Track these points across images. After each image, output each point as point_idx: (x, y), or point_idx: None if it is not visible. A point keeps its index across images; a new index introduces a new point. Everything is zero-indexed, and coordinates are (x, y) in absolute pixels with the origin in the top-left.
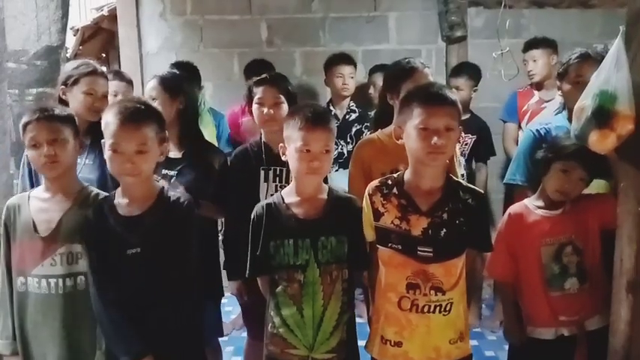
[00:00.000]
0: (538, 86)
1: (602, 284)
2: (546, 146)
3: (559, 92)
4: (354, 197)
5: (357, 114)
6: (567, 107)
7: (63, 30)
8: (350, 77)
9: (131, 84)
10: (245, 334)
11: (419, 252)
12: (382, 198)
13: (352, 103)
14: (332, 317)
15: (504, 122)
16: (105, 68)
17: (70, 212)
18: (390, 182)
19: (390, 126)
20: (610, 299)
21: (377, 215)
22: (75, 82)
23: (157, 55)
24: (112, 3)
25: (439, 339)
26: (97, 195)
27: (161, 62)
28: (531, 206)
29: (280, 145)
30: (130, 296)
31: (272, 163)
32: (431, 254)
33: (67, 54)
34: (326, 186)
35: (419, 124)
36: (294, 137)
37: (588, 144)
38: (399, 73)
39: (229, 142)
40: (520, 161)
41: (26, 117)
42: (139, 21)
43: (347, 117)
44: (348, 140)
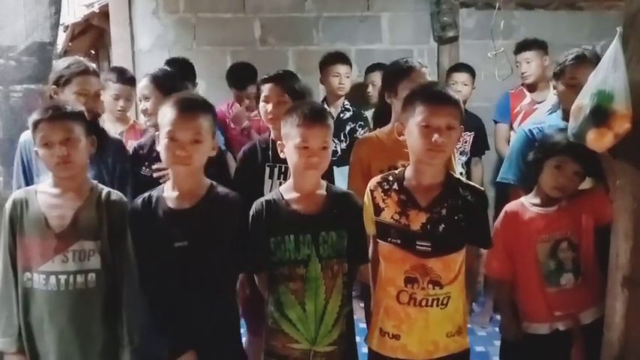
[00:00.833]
0: (531, 87)
1: (595, 278)
2: (538, 144)
3: (554, 92)
4: (352, 193)
5: (351, 112)
6: (562, 107)
7: (55, 26)
8: (346, 77)
9: (134, 85)
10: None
11: (417, 246)
12: (383, 193)
13: (346, 102)
14: (333, 311)
15: (496, 123)
16: (94, 65)
17: (84, 210)
18: (391, 178)
19: (388, 125)
20: (603, 293)
21: (377, 210)
22: (67, 82)
23: (150, 53)
24: (103, 0)
25: (437, 332)
26: (109, 193)
27: (153, 60)
28: (527, 204)
29: (279, 143)
30: (175, 289)
31: (278, 161)
32: (429, 249)
33: (57, 51)
34: (324, 182)
35: (421, 122)
36: (292, 134)
37: (586, 142)
38: (397, 73)
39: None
40: (513, 161)
41: (37, 115)
42: (132, 19)
43: (341, 115)
44: (342, 138)
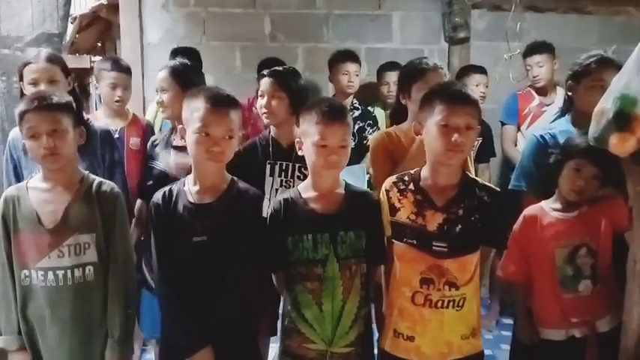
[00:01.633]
0: (540, 90)
1: (613, 285)
2: (559, 148)
3: (569, 93)
4: (371, 192)
5: (360, 111)
6: (577, 109)
7: (65, 18)
8: (355, 75)
9: (130, 73)
10: None
11: (434, 247)
12: (399, 193)
13: (355, 101)
14: (351, 311)
15: (503, 124)
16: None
17: (75, 203)
18: (407, 178)
19: (404, 123)
20: (621, 300)
21: (393, 210)
22: (20, 77)
23: (158, 47)
24: None
25: (451, 334)
26: (100, 183)
27: (162, 54)
28: (547, 208)
29: (296, 140)
30: (194, 284)
31: (278, 158)
32: (445, 249)
33: (65, 42)
34: (342, 180)
35: (440, 121)
36: (310, 132)
37: (607, 147)
38: (411, 74)
39: None
40: (524, 167)
41: (23, 105)
42: (141, 11)
43: (350, 114)
44: (351, 137)
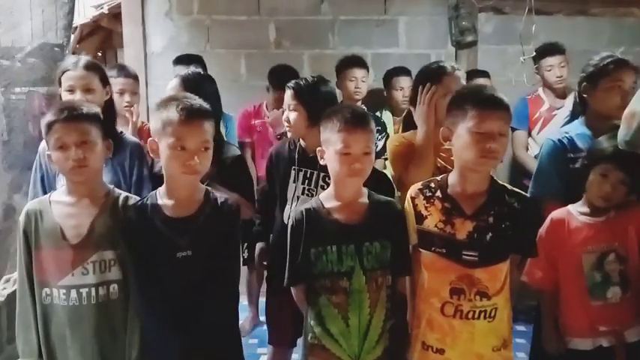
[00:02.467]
0: (560, 92)
1: None
2: (585, 153)
3: (583, 95)
4: (394, 201)
5: None
6: (592, 110)
7: (68, 28)
8: (362, 81)
9: (137, 79)
10: (251, 341)
11: (464, 256)
12: (425, 201)
13: (363, 106)
14: (377, 325)
15: (513, 130)
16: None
17: (101, 217)
18: (433, 185)
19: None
20: None
21: (419, 218)
22: (59, 84)
23: (162, 55)
24: (113, 1)
25: (482, 346)
26: (127, 198)
27: (166, 62)
28: (574, 212)
29: (318, 149)
30: (177, 299)
31: (304, 165)
32: (476, 258)
33: (65, 52)
34: (365, 189)
35: (473, 128)
36: (333, 139)
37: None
38: (429, 77)
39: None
40: (544, 173)
41: (51, 115)
42: (144, 20)
43: None
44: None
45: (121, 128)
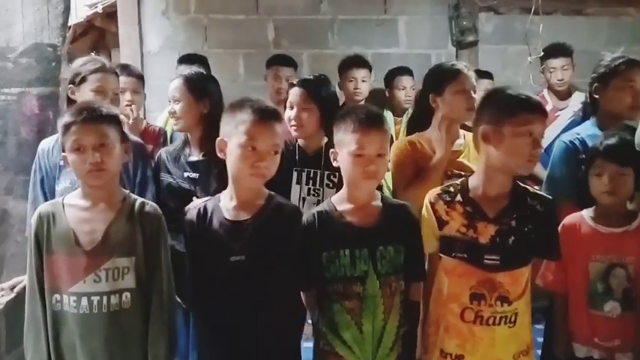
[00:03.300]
0: (561, 94)
1: None
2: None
3: (595, 96)
4: (409, 204)
5: None
6: (604, 111)
7: (63, 27)
8: (362, 81)
9: (141, 79)
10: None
11: (485, 260)
12: (445, 205)
13: None
14: (392, 331)
15: None
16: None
17: (116, 223)
18: (452, 189)
19: (428, 130)
20: None
21: (441, 224)
22: (83, 80)
23: (159, 55)
24: (108, 0)
25: (503, 352)
26: (143, 204)
27: (163, 62)
28: (587, 217)
29: (331, 151)
30: (231, 307)
31: (306, 165)
32: (498, 262)
33: (58, 52)
34: (378, 192)
35: (521, 131)
36: (346, 141)
37: None
38: (444, 75)
39: None
40: (556, 174)
41: (69, 117)
42: (141, 19)
43: None
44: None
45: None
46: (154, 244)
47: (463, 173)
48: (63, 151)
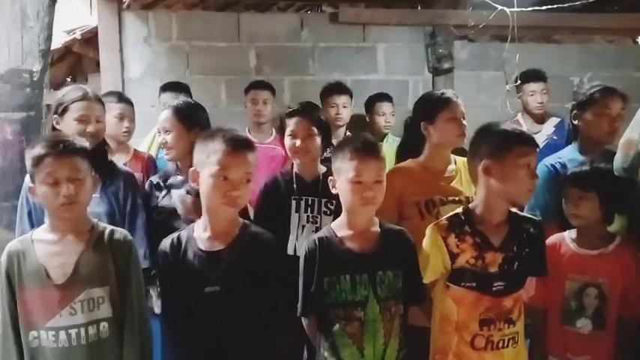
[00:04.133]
0: (539, 117)
1: (617, 337)
2: None
3: (574, 122)
4: (406, 230)
5: None
6: (583, 136)
7: (45, 55)
8: (343, 107)
9: (133, 106)
10: None
11: (494, 287)
12: (456, 238)
13: (348, 133)
14: (392, 355)
15: None
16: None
17: (86, 254)
18: (458, 220)
19: (422, 156)
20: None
21: (453, 257)
22: (65, 110)
23: (140, 81)
24: (85, 26)
25: None
26: (112, 232)
27: (144, 88)
28: (567, 238)
29: (330, 178)
30: (206, 337)
31: (304, 193)
32: (503, 287)
33: (35, 78)
34: (376, 218)
35: (521, 163)
36: (344, 168)
37: (638, 177)
38: (435, 103)
39: None
40: (538, 195)
41: (41, 149)
42: (122, 46)
43: None
44: None
45: (116, 160)
46: (126, 272)
47: (456, 198)
48: (32, 182)
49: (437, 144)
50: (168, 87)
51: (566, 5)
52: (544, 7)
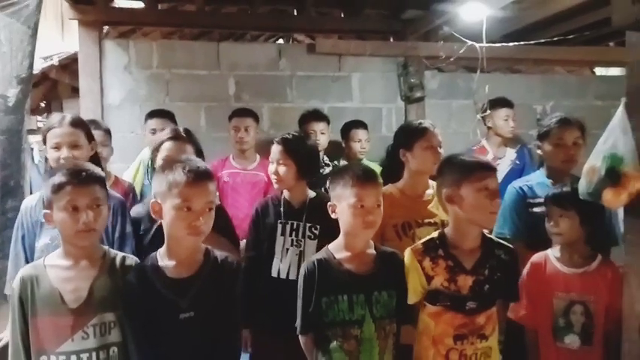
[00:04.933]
0: (504, 143)
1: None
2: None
3: (539, 151)
4: (398, 252)
5: (331, 168)
6: (548, 165)
7: (27, 81)
8: (321, 133)
9: (108, 132)
10: None
11: (466, 307)
12: (431, 262)
13: (325, 158)
14: None
15: None
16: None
17: (100, 279)
18: (433, 244)
19: (400, 181)
20: None
21: (428, 279)
22: (44, 140)
23: (120, 108)
24: (63, 53)
25: None
26: (124, 258)
27: (124, 115)
28: (552, 257)
29: (329, 204)
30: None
31: (290, 217)
32: (475, 306)
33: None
34: (372, 241)
35: (482, 186)
36: (345, 194)
37: (602, 201)
38: (413, 132)
39: None
40: (506, 217)
41: (62, 176)
42: (102, 73)
43: (321, 171)
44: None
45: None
46: None
47: (432, 220)
48: (48, 209)
49: (415, 171)
50: (154, 114)
51: (533, 42)
52: (512, 44)
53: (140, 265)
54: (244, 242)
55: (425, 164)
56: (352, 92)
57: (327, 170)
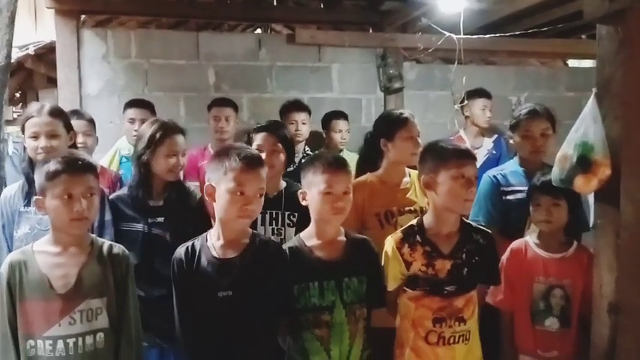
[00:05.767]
0: (481, 133)
1: (583, 335)
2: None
3: (511, 141)
4: (369, 239)
5: None
6: (519, 155)
7: (5, 71)
8: (302, 123)
9: (92, 122)
10: None
11: (445, 290)
12: (409, 248)
13: (307, 148)
14: (356, 355)
15: None
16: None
17: (88, 266)
18: (411, 231)
19: (380, 170)
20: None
21: (407, 265)
22: (23, 130)
23: (98, 98)
24: (39, 42)
25: None
26: (111, 246)
27: (102, 105)
28: (531, 243)
29: (300, 191)
30: (218, 340)
31: (268, 207)
32: (454, 289)
33: None
34: (342, 228)
35: (455, 174)
36: (316, 181)
37: (574, 187)
38: (394, 122)
39: None
40: (481, 204)
41: (57, 164)
42: (80, 62)
43: (302, 162)
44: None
45: None
46: (124, 285)
47: (412, 208)
48: (40, 195)
49: (394, 160)
50: (133, 103)
51: (507, 35)
52: (487, 36)
53: (192, 243)
54: None
55: (405, 154)
56: (332, 83)
57: None
